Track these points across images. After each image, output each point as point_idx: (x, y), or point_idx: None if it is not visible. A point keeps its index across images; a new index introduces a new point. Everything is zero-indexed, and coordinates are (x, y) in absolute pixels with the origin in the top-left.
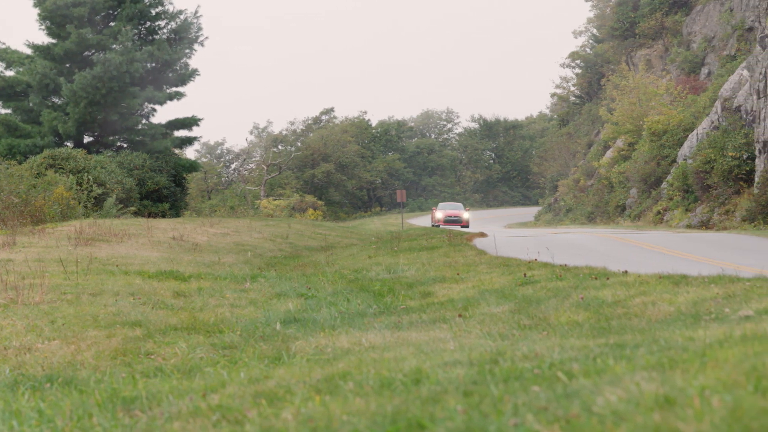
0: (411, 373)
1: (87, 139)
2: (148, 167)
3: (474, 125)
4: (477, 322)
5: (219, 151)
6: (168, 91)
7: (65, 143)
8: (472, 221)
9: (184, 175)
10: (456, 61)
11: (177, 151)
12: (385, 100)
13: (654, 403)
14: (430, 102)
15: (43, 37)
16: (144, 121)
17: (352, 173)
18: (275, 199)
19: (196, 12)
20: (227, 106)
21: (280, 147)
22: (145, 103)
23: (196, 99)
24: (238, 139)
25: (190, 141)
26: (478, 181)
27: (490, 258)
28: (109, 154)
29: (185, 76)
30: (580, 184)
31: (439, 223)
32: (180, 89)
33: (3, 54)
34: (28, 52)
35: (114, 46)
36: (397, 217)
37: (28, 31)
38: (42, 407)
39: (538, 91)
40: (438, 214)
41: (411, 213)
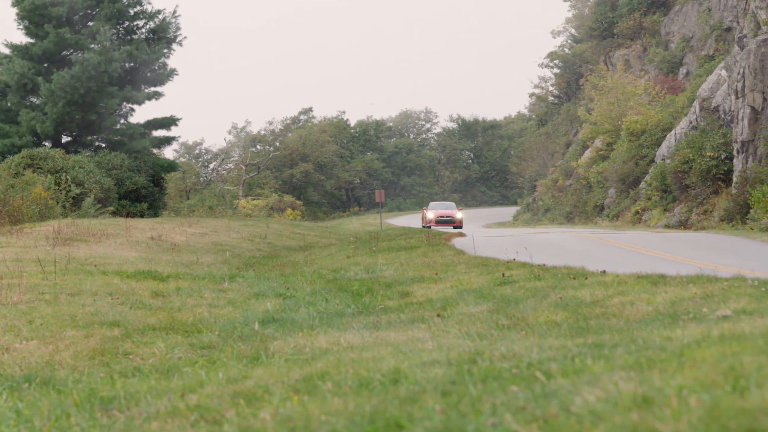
0: (389, 373)
1: (65, 138)
2: (126, 167)
3: (452, 125)
4: (455, 322)
5: (197, 150)
6: (146, 90)
7: (43, 143)
8: None
9: (163, 174)
10: (434, 61)
11: (155, 150)
12: (364, 100)
13: (632, 403)
14: (408, 102)
15: (21, 37)
16: (122, 120)
17: (330, 173)
18: (254, 199)
19: (175, 12)
20: (206, 106)
21: (258, 147)
22: (124, 102)
23: (174, 99)
24: (216, 139)
25: (168, 141)
26: (457, 181)
27: (468, 258)
28: (87, 154)
29: (164, 75)
30: (559, 184)
31: (430, 223)
32: (158, 89)
33: None
34: (7, 51)
35: (92, 45)
36: (376, 217)
37: (6, 31)
38: (20, 407)
39: (516, 91)
40: (429, 215)
41: (390, 213)
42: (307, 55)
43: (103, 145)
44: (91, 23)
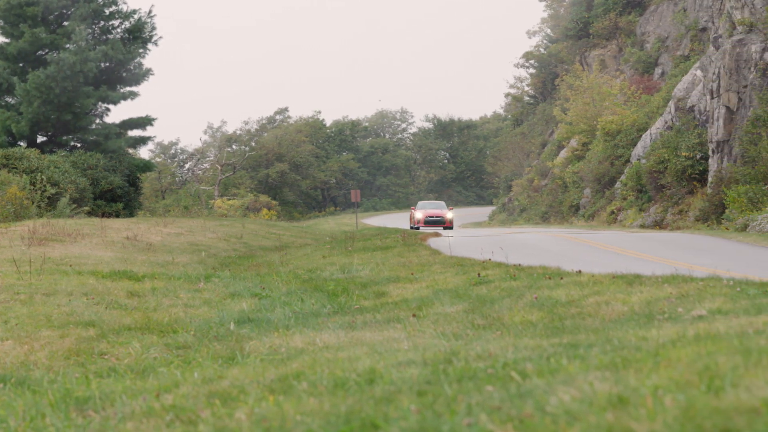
0: (365, 373)
1: (41, 138)
2: (101, 167)
3: (428, 125)
4: (431, 322)
5: (173, 150)
6: (122, 90)
7: (18, 143)
8: None
9: (138, 174)
10: (411, 62)
11: (131, 150)
12: (340, 100)
13: (607, 403)
14: (384, 102)
15: None
16: (98, 120)
17: (306, 173)
18: (229, 198)
19: (150, 12)
20: (181, 105)
21: (234, 147)
22: (99, 102)
23: (150, 99)
24: (192, 139)
25: (144, 141)
26: (433, 181)
27: (444, 258)
28: (62, 154)
29: (139, 75)
30: (534, 184)
31: (418, 224)
32: (134, 89)
33: None
34: None
35: (68, 45)
36: (352, 217)
37: None
38: None
39: (492, 91)
40: (417, 215)
41: (365, 213)
42: (282, 56)
43: (79, 145)
44: (66, 23)
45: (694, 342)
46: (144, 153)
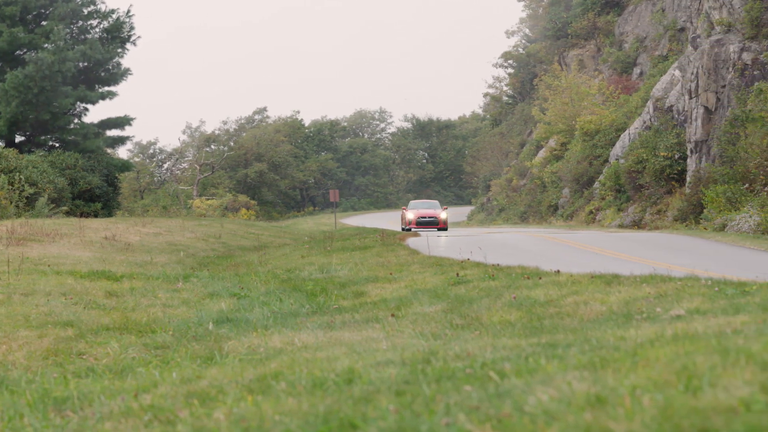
0: (343, 373)
1: (19, 138)
2: (80, 167)
3: (407, 125)
4: (410, 322)
5: (152, 150)
6: (100, 90)
7: None
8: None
9: (117, 174)
10: (390, 62)
11: (109, 150)
12: (318, 101)
13: (585, 403)
14: (363, 102)
15: None
16: (76, 120)
17: (285, 173)
18: (208, 198)
19: (129, 11)
20: (160, 106)
21: (212, 147)
22: (78, 102)
23: (128, 98)
24: (170, 139)
25: (122, 140)
26: (411, 181)
27: (422, 258)
28: (41, 154)
29: (117, 75)
30: (513, 184)
31: (410, 225)
32: (112, 89)
33: None
34: None
35: (46, 45)
36: (330, 217)
37: None
38: None
39: (470, 91)
40: (409, 215)
41: (344, 213)
42: (263, 58)
43: (57, 144)
44: (45, 22)
45: (672, 342)
46: (123, 153)
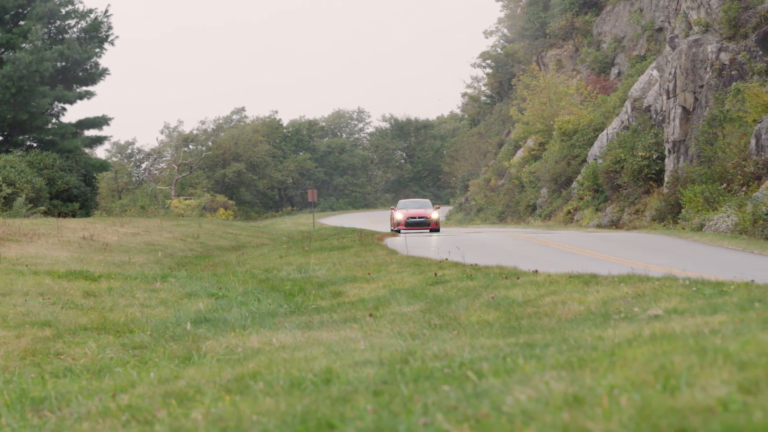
0: (321, 373)
1: None
2: (58, 167)
3: (385, 125)
4: (388, 322)
5: (130, 150)
6: (78, 90)
7: None
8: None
9: (95, 174)
10: (368, 63)
11: (87, 150)
12: (296, 101)
13: (563, 403)
14: (342, 103)
15: None
16: (54, 120)
17: (263, 173)
18: (186, 198)
19: (107, 11)
20: (138, 106)
21: (191, 146)
22: (55, 102)
23: (106, 98)
24: (149, 139)
25: (100, 140)
26: (390, 181)
27: (401, 257)
28: (18, 154)
29: (95, 75)
30: (491, 184)
31: (399, 226)
32: (90, 88)
33: None
34: None
35: (24, 45)
36: (309, 217)
37: None
38: None
39: (449, 91)
40: (398, 216)
41: (322, 213)
42: (242, 59)
43: (35, 144)
44: (22, 22)
45: (650, 342)
46: (100, 153)
